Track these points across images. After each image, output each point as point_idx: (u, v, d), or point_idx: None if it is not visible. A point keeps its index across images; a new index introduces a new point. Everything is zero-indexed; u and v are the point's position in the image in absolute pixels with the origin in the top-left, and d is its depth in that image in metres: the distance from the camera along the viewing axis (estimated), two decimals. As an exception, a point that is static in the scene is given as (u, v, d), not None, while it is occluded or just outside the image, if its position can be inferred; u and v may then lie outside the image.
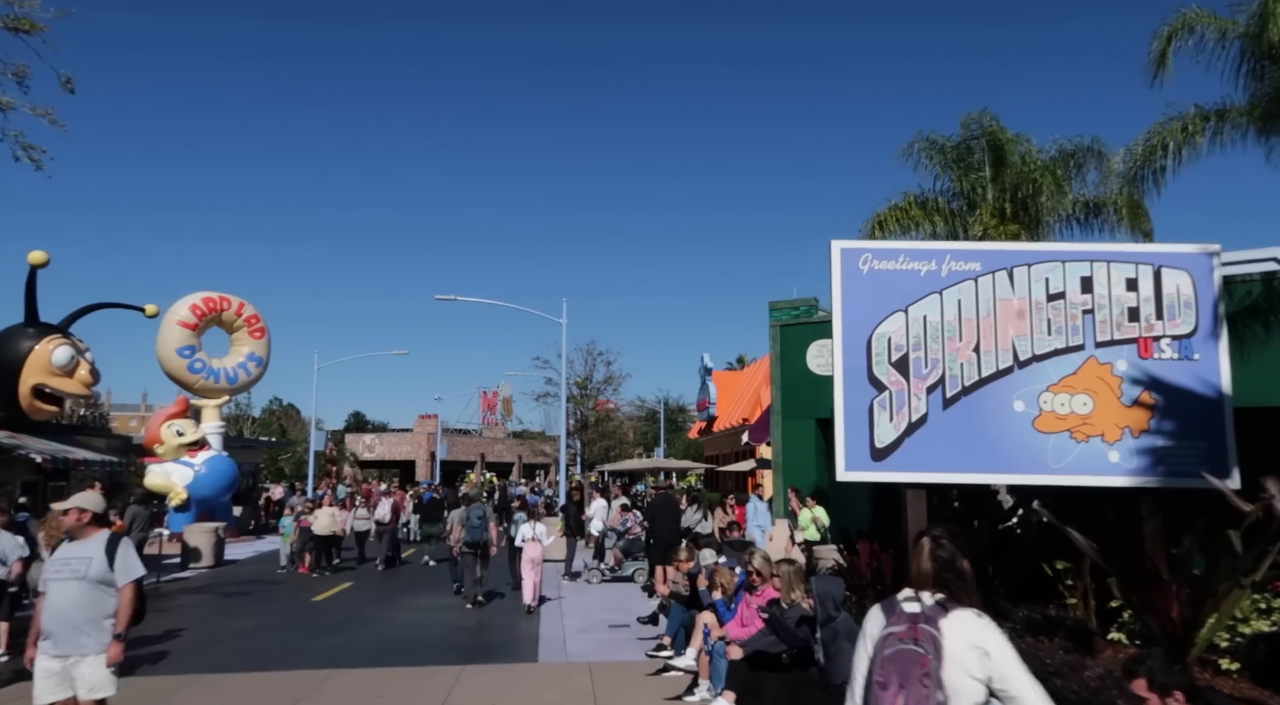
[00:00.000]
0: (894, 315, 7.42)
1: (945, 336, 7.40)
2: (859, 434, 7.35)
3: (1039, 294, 7.42)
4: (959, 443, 7.22)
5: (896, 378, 7.35)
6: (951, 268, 7.44)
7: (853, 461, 7.41)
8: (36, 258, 15.24)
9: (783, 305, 22.33)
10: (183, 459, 24.94)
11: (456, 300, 22.78)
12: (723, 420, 33.53)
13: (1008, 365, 7.36)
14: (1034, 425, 7.26)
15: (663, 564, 13.83)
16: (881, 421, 7.30)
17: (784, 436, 21.72)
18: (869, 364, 7.42)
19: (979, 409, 7.28)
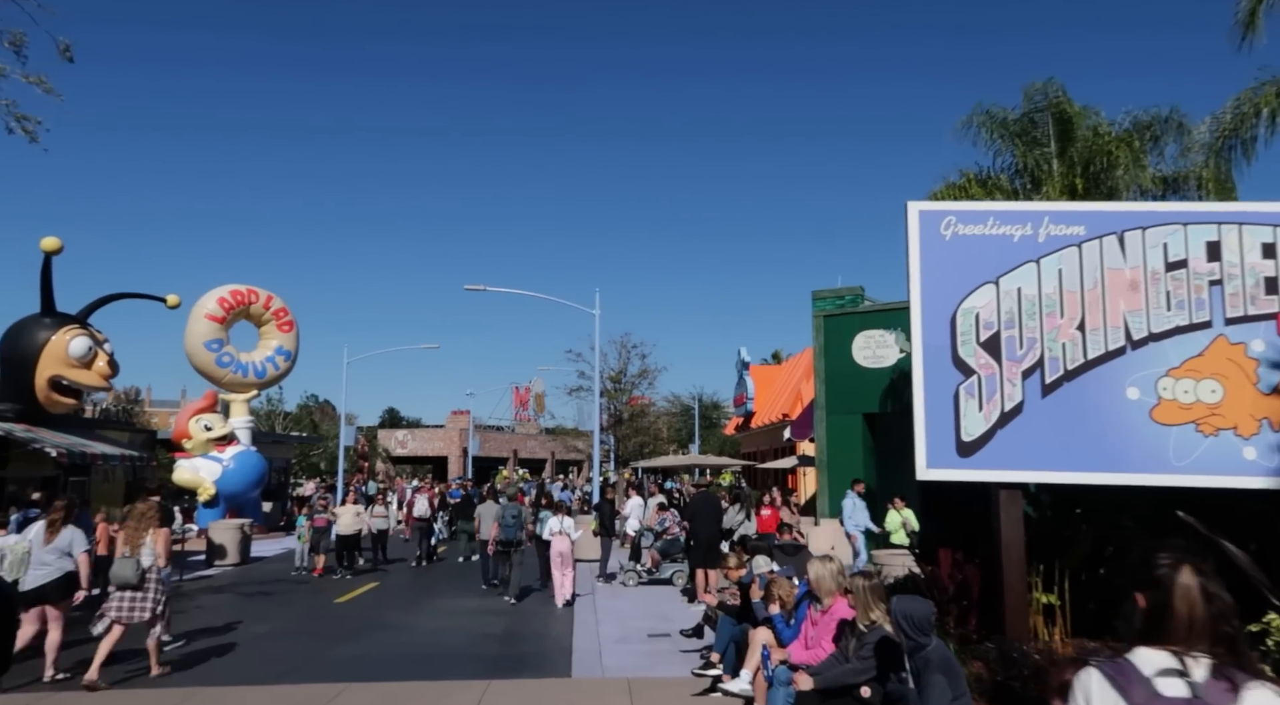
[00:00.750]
0: (983, 288, 6.38)
1: (1044, 312, 6.36)
2: (943, 426, 6.33)
3: (1156, 262, 6.34)
4: (1061, 436, 6.19)
5: (986, 360, 6.33)
6: (1050, 232, 6.39)
7: (936, 457, 6.39)
8: (50, 244, 14.70)
9: (826, 294, 21.23)
10: (211, 454, 24.54)
11: (486, 290, 22.01)
12: (761, 416, 32.46)
13: (1119, 346, 6.29)
14: (1152, 416, 6.19)
15: (704, 567, 12.89)
16: (969, 411, 6.28)
17: (829, 432, 20.64)
18: (954, 344, 6.39)
19: (1084, 397, 6.24)
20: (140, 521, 8.55)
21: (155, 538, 8.53)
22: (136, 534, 8.49)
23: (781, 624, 6.69)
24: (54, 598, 8.43)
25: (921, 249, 6.47)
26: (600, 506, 16.48)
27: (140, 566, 8.36)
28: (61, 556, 8.44)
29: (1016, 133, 15.13)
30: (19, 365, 15.16)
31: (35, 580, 8.42)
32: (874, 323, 20.35)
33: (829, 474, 20.40)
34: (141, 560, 8.39)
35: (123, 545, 8.47)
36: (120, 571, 8.34)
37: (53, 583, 8.39)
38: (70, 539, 8.51)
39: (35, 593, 8.39)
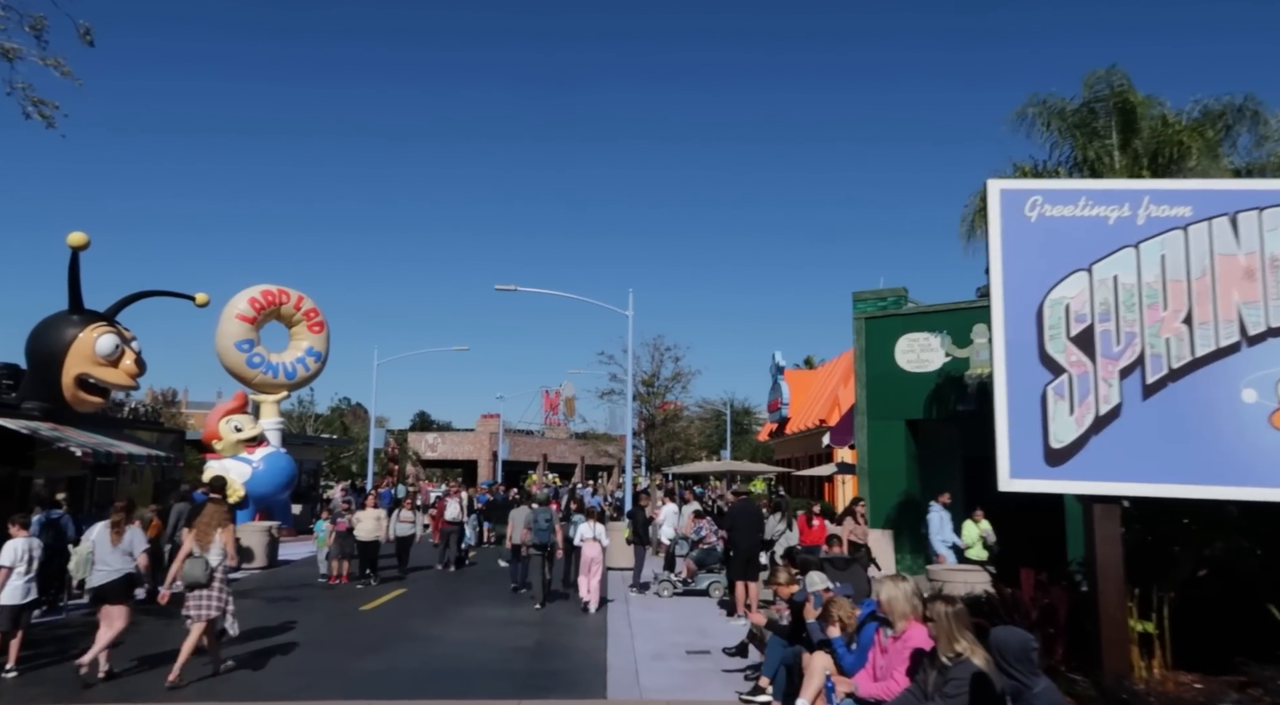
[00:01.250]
0: (1074, 276, 5.70)
1: (1144, 304, 5.66)
2: (1028, 430, 5.64)
3: (1276, 246, 5.61)
4: (1165, 443, 5.48)
5: (1078, 357, 5.64)
6: (1151, 213, 5.68)
7: (1020, 466, 5.69)
8: (76, 239, 14.43)
9: (868, 296, 20.46)
10: (241, 455, 24.31)
11: (516, 290, 21.55)
12: (796, 422, 31.66)
13: (1232, 342, 5.58)
14: (1271, 422, 5.47)
15: (744, 580, 12.25)
16: (1059, 414, 5.60)
17: (870, 439, 19.85)
18: (1040, 339, 5.71)
19: (1192, 399, 5.53)
20: (210, 521, 8.88)
21: (224, 537, 8.86)
22: (206, 534, 8.79)
23: (843, 649, 6.04)
24: (114, 597, 8.70)
25: (1004, 232, 5.79)
26: (634, 514, 15.89)
27: (209, 565, 8.65)
28: (124, 557, 8.77)
29: (1075, 124, 14.33)
30: (46, 363, 14.91)
31: (98, 580, 8.75)
32: (918, 325, 19.57)
33: (870, 482, 19.62)
34: (210, 559, 8.68)
35: (192, 544, 8.76)
36: (191, 571, 8.60)
37: (113, 583, 8.68)
38: (132, 540, 8.87)
39: (98, 592, 8.76)
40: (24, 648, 9.78)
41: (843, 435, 21.72)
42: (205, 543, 8.73)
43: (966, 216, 14.48)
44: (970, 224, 14.33)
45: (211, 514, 9.04)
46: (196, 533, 8.83)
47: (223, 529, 8.89)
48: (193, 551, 8.68)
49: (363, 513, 16.27)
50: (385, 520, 16.60)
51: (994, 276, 5.90)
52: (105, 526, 8.91)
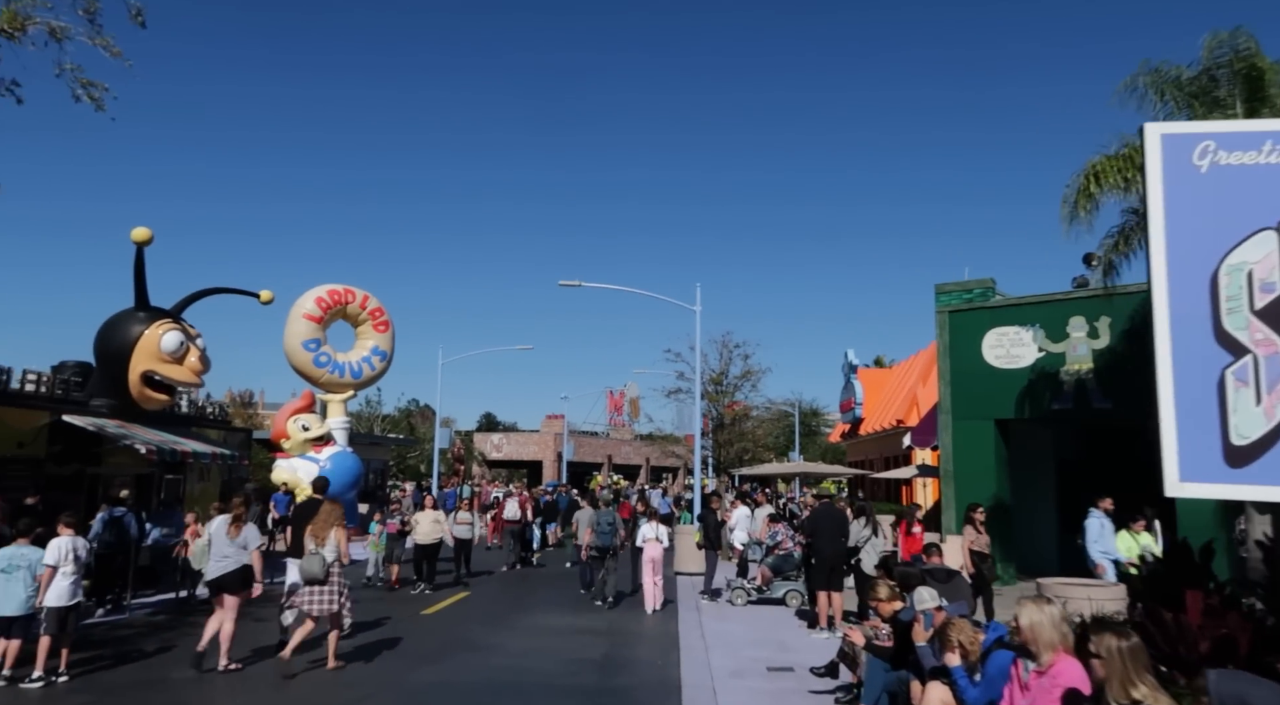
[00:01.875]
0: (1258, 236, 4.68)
1: (1348, 269, 4.65)
2: (1202, 424, 4.66)
3: None
4: (1378, 440, 4.47)
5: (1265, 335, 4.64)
6: (1356, 159, 4.66)
7: (1192, 468, 4.71)
8: (140, 235, 14.33)
9: (952, 288, 19.24)
10: (308, 454, 24.31)
11: (581, 286, 20.98)
12: (871, 422, 30.37)
13: None
14: None
15: (827, 590, 11.32)
16: (1242, 404, 4.61)
17: (955, 440, 18.65)
18: (1216, 313, 4.73)
19: None
20: (326, 519, 9.22)
21: (338, 535, 9.15)
22: (322, 532, 9.11)
23: (964, 680, 5.15)
24: (231, 588, 9.00)
25: (1166, 185, 4.81)
26: (705, 517, 15.07)
27: (326, 562, 8.96)
28: (240, 550, 9.08)
29: (1193, 93, 12.96)
30: (113, 360, 14.87)
31: (216, 571, 9.09)
32: (1007, 319, 18.29)
33: (955, 485, 18.41)
34: (326, 556, 8.98)
35: (309, 541, 9.08)
36: (309, 567, 8.92)
37: (230, 574, 9.00)
38: (248, 535, 9.16)
39: (216, 583, 9.09)
40: (77, 650, 9.51)
41: (925, 436, 20.49)
42: (321, 540, 9.05)
43: (1069, 197, 13.22)
44: (1073, 205, 13.08)
45: (327, 512, 9.38)
46: (313, 530, 9.14)
47: (337, 527, 9.23)
48: (310, 548, 8.97)
49: (420, 514, 15.53)
50: (444, 522, 15.94)
51: (1153, 237, 4.90)
52: (224, 520, 9.31)
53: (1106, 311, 16.77)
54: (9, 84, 8.29)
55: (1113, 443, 18.59)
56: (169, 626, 11.61)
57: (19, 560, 8.19)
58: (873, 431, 29.62)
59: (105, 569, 12.49)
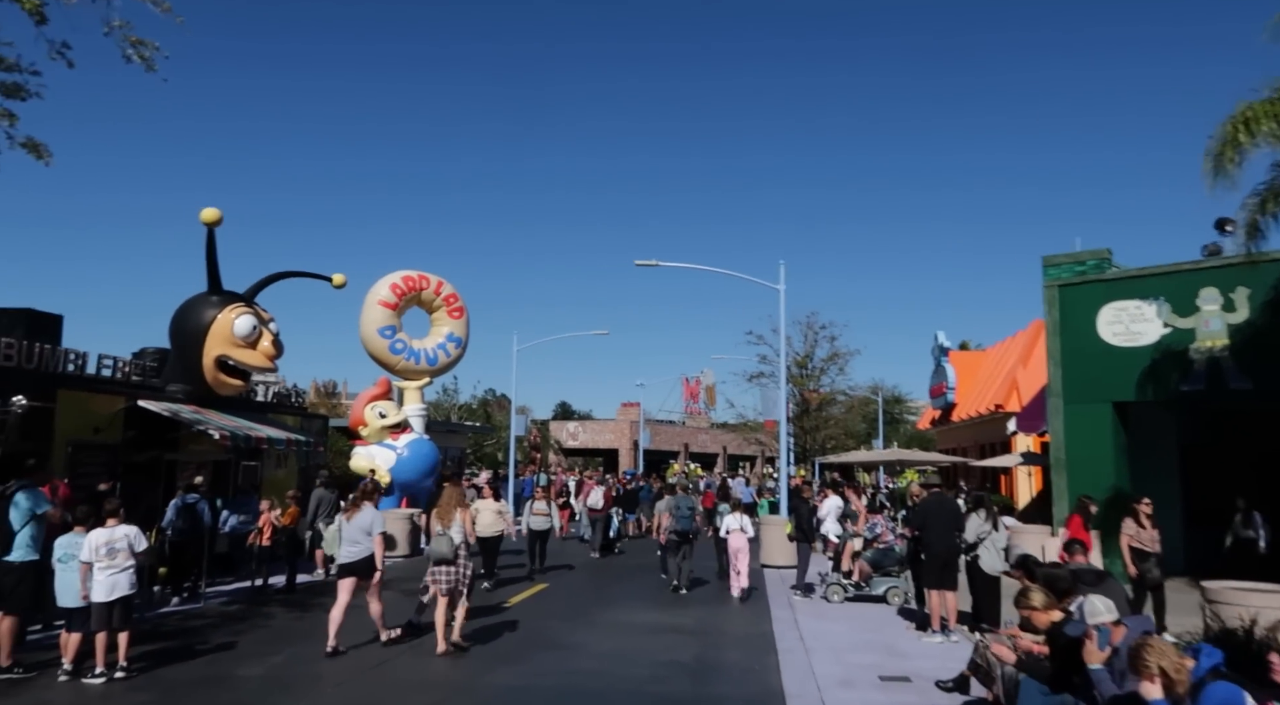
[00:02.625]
0: None
1: None
2: None
3: None
4: None
5: None
6: None
7: None
8: (208, 215, 14.02)
9: (1062, 260, 17.63)
10: (385, 441, 24.18)
11: (658, 266, 20.07)
12: (964, 407, 28.69)
13: None
14: None
15: (939, 589, 10.19)
16: None
17: (1067, 425, 17.11)
18: None
19: None
20: (450, 502, 9.48)
21: (463, 517, 9.43)
22: (448, 513, 9.38)
23: (1169, 716, 4.07)
24: (361, 573, 9.24)
25: None
26: (796, 507, 14.05)
27: (454, 543, 9.22)
28: (364, 535, 9.27)
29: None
30: (188, 345, 14.67)
31: (347, 557, 9.34)
32: (1126, 292, 16.62)
33: (1068, 474, 16.89)
34: (453, 536, 9.24)
35: (435, 523, 9.40)
36: (438, 547, 9.23)
37: (361, 561, 9.24)
38: (370, 520, 9.33)
39: (347, 567, 9.32)
40: (146, 642, 9.13)
41: (1031, 421, 18.97)
42: (447, 521, 9.32)
43: (1212, 149, 11.67)
44: (1217, 157, 11.52)
45: (450, 494, 9.65)
46: (439, 512, 9.43)
47: (461, 509, 9.48)
48: (438, 530, 9.28)
49: (480, 503, 13.98)
50: (507, 513, 14.93)
51: None
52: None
53: (1246, 281, 15.03)
54: (59, 46, 7.83)
55: (1249, 427, 16.79)
56: (241, 617, 11.24)
57: (74, 549, 7.78)
58: (967, 417, 27.94)
59: (179, 557, 12.24)
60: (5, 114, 7.91)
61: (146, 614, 11.07)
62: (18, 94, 8.00)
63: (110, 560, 7.72)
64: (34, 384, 11.63)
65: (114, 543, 7.78)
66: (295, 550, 13.91)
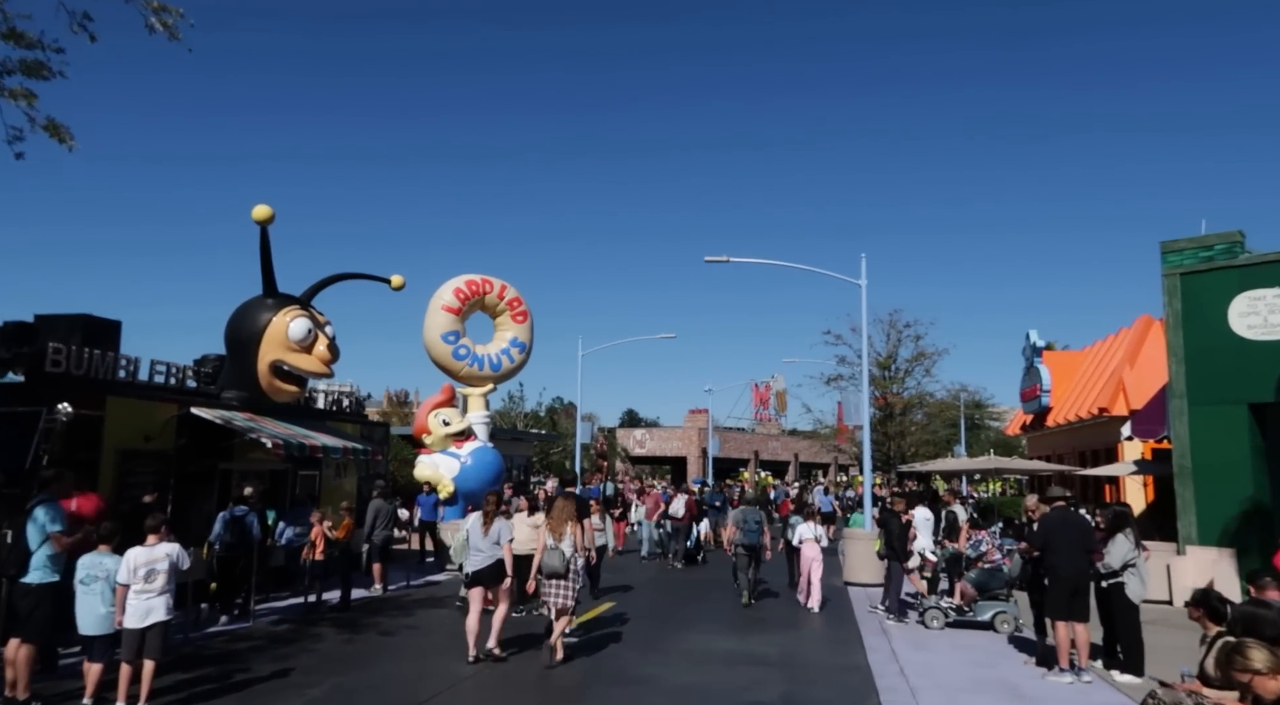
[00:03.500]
0: None
1: None
2: None
3: None
4: None
5: None
6: None
7: None
8: (261, 213, 13.44)
9: (1185, 245, 15.81)
10: (449, 450, 23.57)
11: (729, 262, 18.89)
12: (1060, 411, 26.63)
13: None
14: None
15: (1069, 620, 8.76)
16: None
17: (1193, 429, 15.29)
18: None
19: None
20: (562, 514, 9.30)
21: (574, 530, 9.26)
22: (559, 526, 9.21)
23: None
24: (489, 582, 9.32)
25: None
26: (886, 522, 12.68)
27: (565, 556, 9.07)
28: (493, 545, 9.29)
29: None
30: (243, 350, 14.15)
31: (474, 565, 9.37)
32: (1263, 279, 14.75)
33: (1195, 484, 15.07)
34: (565, 550, 9.09)
35: (547, 536, 9.22)
36: (549, 561, 9.07)
37: (488, 569, 9.28)
38: (499, 530, 9.34)
39: (474, 576, 9.37)
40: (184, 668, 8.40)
41: (1150, 425, 17.13)
42: (559, 534, 9.17)
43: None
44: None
45: (561, 507, 9.42)
46: (550, 525, 9.25)
47: (572, 523, 9.28)
48: (549, 543, 9.10)
49: (517, 518, 11.60)
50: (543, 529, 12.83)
51: None
52: (479, 516, 9.56)
53: (1406, 263, 13.09)
54: (80, 18, 7.15)
55: None
56: (289, 639, 10.48)
57: (97, 570, 7.03)
58: (1064, 422, 25.88)
59: (228, 573, 11.59)
60: (25, 94, 7.26)
61: (191, 635, 10.41)
62: (39, 73, 7.35)
63: (147, 583, 6.93)
64: (83, 390, 11.15)
65: (154, 563, 7.00)
66: (350, 565, 13.18)
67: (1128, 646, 8.75)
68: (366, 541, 15.06)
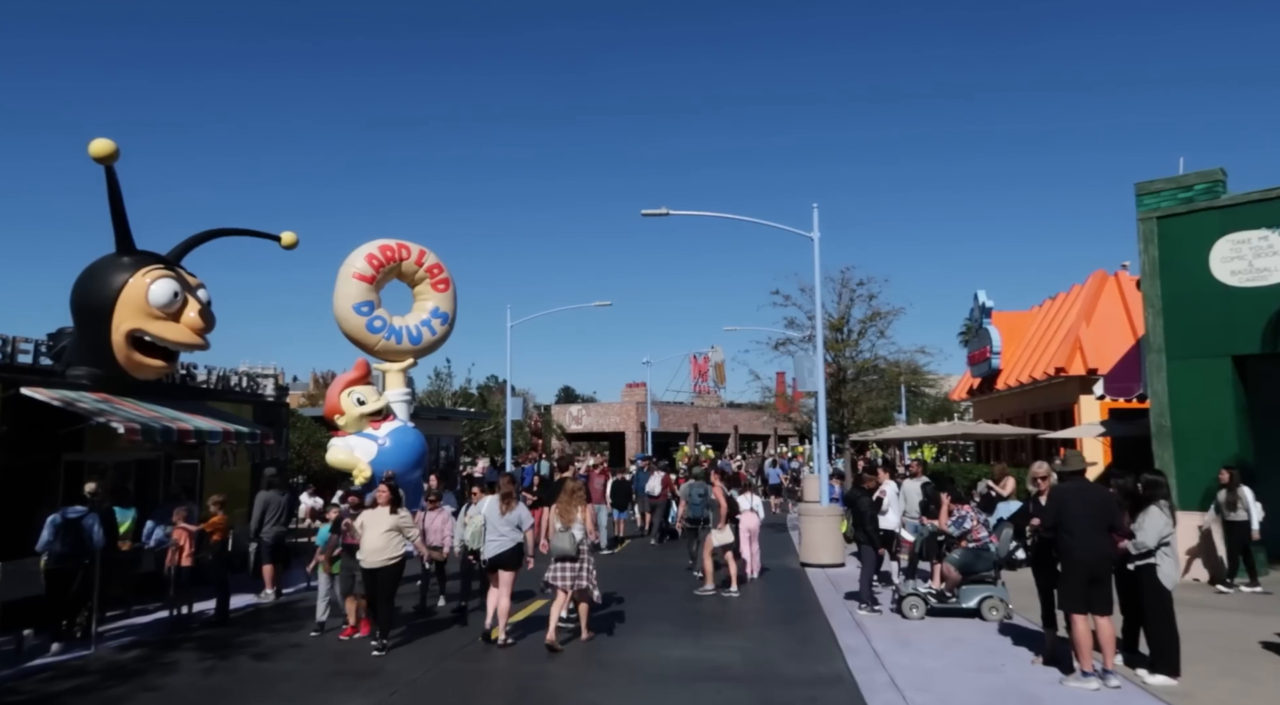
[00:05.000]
0: None
1: None
2: None
3: None
4: None
5: None
6: None
7: None
8: (100, 148, 10.93)
9: (1162, 186, 14.56)
10: (365, 431, 21.36)
11: (667, 215, 17.04)
12: (1012, 373, 25.72)
13: None
14: None
15: (1086, 612, 7.28)
16: None
17: (1171, 386, 14.11)
18: None
19: None
20: (571, 498, 9.36)
21: (583, 514, 9.31)
22: (569, 510, 9.23)
23: None
24: (509, 565, 9.21)
25: None
26: (855, 499, 11.11)
27: (576, 539, 9.09)
28: (513, 529, 9.22)
29: None
30: (94, 319, 11.78)
31: (492, 549, 9.21)
32: (1248, 220, 13.60)
33: (1175, 445, 13.93)
34: (575, 533, 9.11)
35: (557, 520, 9.22)
36: (560, 544, 9.07)
37: (507, 552, 9.18)
38: (520, 514, 9.29)
39: (493, 560, 9.21)
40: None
41: (1124, 382, 16.02)
42: (569, 518, 9.18)
43: None
44: None
45: (571, 491, 9.49)
46: (559, 509, 9.29)
47: (582, 507, 9.36)
48: (558, 526, 9.14)
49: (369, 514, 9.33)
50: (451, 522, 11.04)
51: None
52: (496, 500, 9.37)
53: None
54: None
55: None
56: (132, 671, 8.37)
57: None
58: (1017, 385, 24.96)
59: (60, 589, 9.33)
60: None
61: (2, 672, 8.21)
62: None
63: None
64: None
65: None
66: (226, 569, 11.03)
67: (1159, 641, 7.32)
68: (254, 539, 12.93)
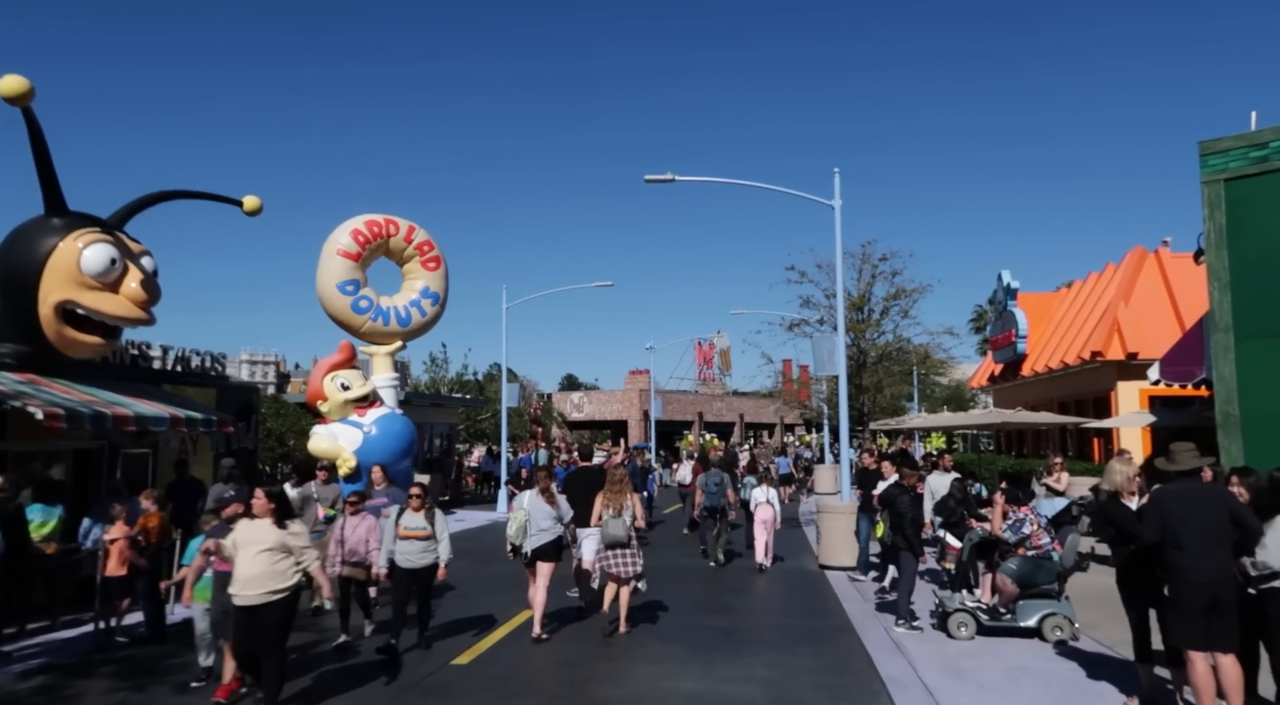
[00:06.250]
0: None
1: None
2: None
3: None
4: None
5: None
6: None
7: None
8: (11, 86, 9.34)
9: (1231, 144, 12.89)
10: (350, 418, 19.92)
11: (673, 181, 15.44)
12: (1039, 359, 24.13)
13: None
14: None
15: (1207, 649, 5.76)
16: None
17: (1240, 369, 12.48)
18: None
19: None
20: (619, 486, 9.43)
21: (632, 501, 9.43)
22: (619, 497, 9.33)
23: None
24: (550, 557, 9.11)
25: None
26: (892, 498, 9.59)
27: (626, 525, 9.20)
28: (554, 522, 9.18)
29: None
30: (17, 289, 10.31)
31: (535, 543, 9.03)
32: (1335, 179, 12.06)
33: (1244, 435, 12.33)
34: (625, 520, 9.21)
35: (604, 507, 9.29)
36: (611, 530, 9.15)
37: (549, 544, 9.11)
38: (562, 508, 9.27)
39: (538, 552, 9.05)
40: None
41: (1183, 366, 14.47)
42: (618, 505, 9.24)
43: None
44: None
45: (620, 478, 9.51)
46: (608, 496, 9.33)
47: (630, 494, 9.42)
48: (608, 513, 9.17)
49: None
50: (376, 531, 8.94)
51: None
52: (536, 494, 9.20)
53: None
54: None
55: None
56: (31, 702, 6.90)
57: None
58: (1045, 371, 23.39)
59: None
60: None
61: None
62: None
63: None
64: None
65: None
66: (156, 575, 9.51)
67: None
68: (204, 540, 11.44)
